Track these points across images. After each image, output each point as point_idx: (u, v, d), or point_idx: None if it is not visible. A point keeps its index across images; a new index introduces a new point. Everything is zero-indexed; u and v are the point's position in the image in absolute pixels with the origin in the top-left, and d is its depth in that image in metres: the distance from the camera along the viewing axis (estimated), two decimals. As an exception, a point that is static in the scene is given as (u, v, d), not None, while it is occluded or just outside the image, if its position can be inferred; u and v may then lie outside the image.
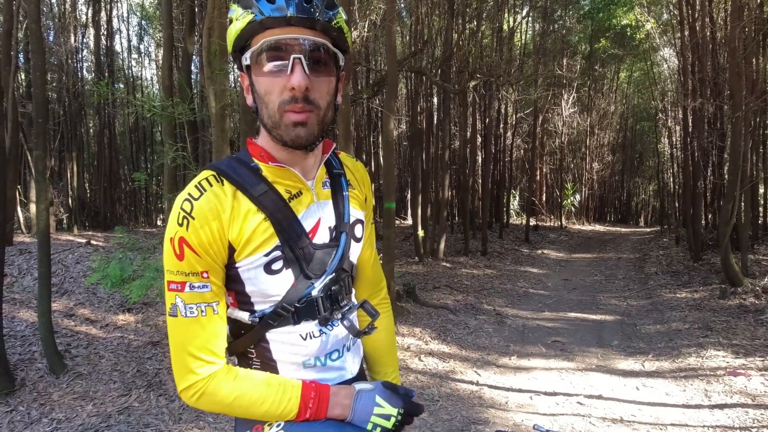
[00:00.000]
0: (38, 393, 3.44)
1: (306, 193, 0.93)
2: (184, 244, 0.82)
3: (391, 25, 5.58)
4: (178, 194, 0.89)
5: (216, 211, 0.84)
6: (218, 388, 0.85)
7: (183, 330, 0.85)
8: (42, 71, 3.58)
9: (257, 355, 0.94)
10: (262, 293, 0.89)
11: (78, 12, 13.35)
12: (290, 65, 0.80)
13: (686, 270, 8.10)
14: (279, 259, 0.88)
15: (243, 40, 0.84)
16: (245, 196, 0.86)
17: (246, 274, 0.87)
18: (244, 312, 0.91)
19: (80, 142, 13.26)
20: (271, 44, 0.81)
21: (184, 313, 0.84)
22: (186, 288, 0.84)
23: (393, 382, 1.01)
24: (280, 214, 0.88)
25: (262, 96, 0.84)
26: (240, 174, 0.87)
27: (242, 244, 0.85)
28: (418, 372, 4.09)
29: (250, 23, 0.81)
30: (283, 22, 0.80)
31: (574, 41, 17.28)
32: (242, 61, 0.86)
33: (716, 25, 8.97)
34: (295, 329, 0.92)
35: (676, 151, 14.07)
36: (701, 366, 4.08)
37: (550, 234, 14.32)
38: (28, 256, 5.93)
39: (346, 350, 1.00)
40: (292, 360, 0.93)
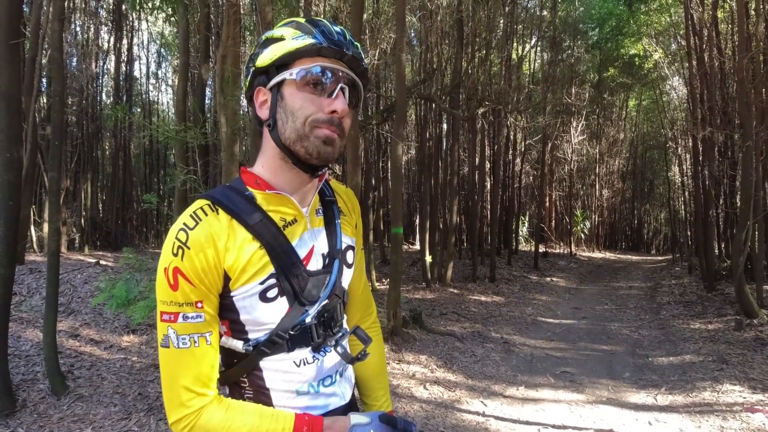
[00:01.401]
0: (38, 414, 3.42)
1: (300, 221, 0.94)
2: (178, 274, 0.82)
3: (401, 54, 5.70)
4: None
5: (212, 239, 0.84)
6: (209, 420, 0.84)
7: (175, 361, 0.84)
8: (61, 96, 3.70)
9: (250, 384, 0.93)
10: (256, 321, 0.89)
11: (100, 40, 13.86)
12: (336, 91, 0.87)
13: (699, 300, 7.92)
14: (274, 287, 0.88)
15: (290, 58, 0.87)
16: (240, 224, 0.87)
17: (241, 302, 0.87)
18: (238, 341, 0.91)
19: (96, 164, 13.56)
20: (327, 68, 0.87)
21: (176, 344, 0.84)
22: (179, 319, 0.83)
23: (390, 414, 0.99)
24: (275, 243, 0.88)
25: (293, 110, 0.86)
26: (235, 203, 0.88)
27: (238, 273, 0.85)
28: (423, 401, 4.00)
29: (311, 45, 0.86)
30: (338, 56, 0.88)
31: (583, 70, 17.48)
32: (277, 75, 0.88)
33: (724, 56, 9.03)
34: (289, 356, 0.92)
35: (686, 179, 13.97)
36: (717, 401, 3.94)
37: (560, 261, 14.15)
38: (38, 275, 5.99)
39: (338, 376, 0.99)
40: (286, 388, 0.93)
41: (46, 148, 9.06)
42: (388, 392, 1.20)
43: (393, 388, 4.21)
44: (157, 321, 0.85)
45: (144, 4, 4.10)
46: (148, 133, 4.84)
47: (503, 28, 11.54)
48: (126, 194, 14.31)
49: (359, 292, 1.15)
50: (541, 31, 14.71)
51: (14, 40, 3.17)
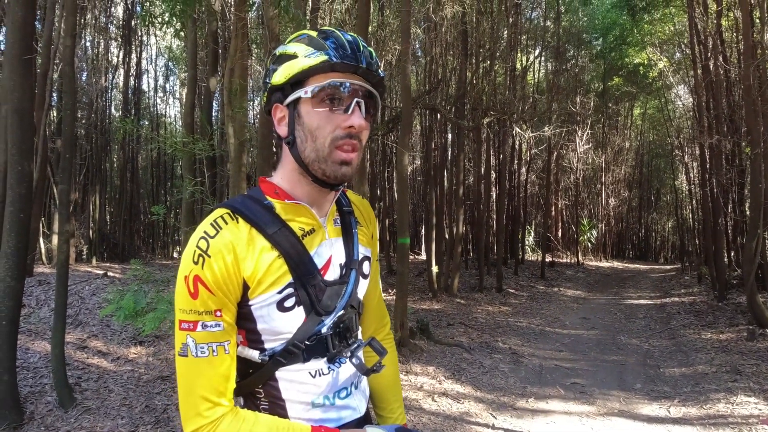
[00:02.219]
0: (46, 427, 3.41)
1: (318, 231, 0.94)
2: (199, 282, 0.82)
3: (406, 65, 5.75)
4: (195, 227, 0.90)
5: (232, 248, 0.84)
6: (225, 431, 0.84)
7: (193, 370, 0.84)
8: (72, 110, 3.75)
9: (266, 395, 0.93)
10: (273, 331, 0.89)
11: (110, 54, 14.10)
12: (352, 106, 0.86)
13: (710, 310, 7.81)
14: (292, 296, 0.88)
15: (304, 76, 0.87)
16: (260, 233, 0.87)
17: (259, 311, 0.87)
18: (254, 351, 0.90)
19: (104, 176, 13.71)
20: (341, 84, 0.86)
21: (195, 353, 0.83)
22: (198, 327, 0.83)
23: (406, 427, 0.98)
24: (293, 252, 0.88)
25: (312, 129, 0.86)
26: (254, 212, 0.89)
27: (256, 282, 0.86)
28: (431, 413, 3.96)
29: (324, 62, 0.85)
30: (352, 70, 0.87)
31: (587, 79, 17.52)
32: (293, 93, 0.88)
33: (730, 64, 9.02)
34: (305, 367, 0.92)
35: (694, 187, 13.88)
36: (731, 413, 3.86)
37: (567, 270, 14.04)
38: (47, 287, 6.02)
39: (354, 388, 0.99)
40: (301, 399, 0.92)
41: (56, 160, 9.18)
42: (402, 404, 1.19)
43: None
44: (176, 330, 0.85)
45: (154, 20, 4.17)
46: (156, 146, 4.89)
47: (507, 39, 11.62)
48: (133, 206, 14.42)
49: (374, 303, 1.14)
50: (545, 41, 14.79)
51: (27, 56, 3.23)
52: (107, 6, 13.29)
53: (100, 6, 12.65)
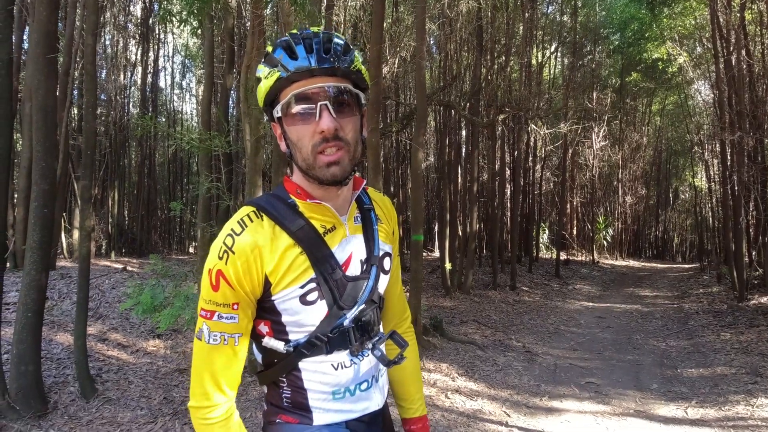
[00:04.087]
0: (69, 417, 3.51)
1: (339, 228, 0.97)
2: (221, 277, 0.88)
3: (421, 61, 5.73)
4: (211, 223, 0.97)
5: (256, 246, 0.89)
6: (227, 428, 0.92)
7: (204, 355, 0.91)
8: (93, 107, 3.83)
9: (288, 384, 0.98)
10: (297, 323, 0.94)
11: (128, 52, 14.33)
12: (318, 111, 0.87)
13: (730, 310, 7.66)
14: (314, 291, 0.92)
15: (272, 96, 0.91)
16: (283, 230, 0.92)
17: (282, 305, 0.92)
18: (279, 341, 0.95)
19: (122, 173, 13.96)
20: (298, 95, 0.87)
21: (207, 339, 0.90)
22: (214, 317, 0.90)
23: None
24: (315, 248, 0.92)
25: (295, 142, 0.90)
26: (278, 210, 0.93)
27: (279, 277, 0.90)
28: (445, 410, 3.96)
29: (278, 80, 0.87)
30: (307, 74, 0.86)
31: (605, 75, 17.22)
32: (273, 113, 0.93)
33: (753, 58, 8.79)
34: (327, 359, 0.96)
35: (714, 184, 13.59)
36: (751, 415, 3.79)
37: (582, 269, 13.88)
38: (69, 281, 6.17)
39: (374, 381, 1.03)
40: (323, 389, 0.97)
41: (77, 157, 9.37)
42: (423, 396, 1.23)
43: (414, 396, 4.18)
44: (198, 313, 0.93)
45: (172, 18, 4.23)
46: (174, 142, 4.97)
47: (523, 34, 11.48)
48: (151, 202, 14.66)
49: (396, 297, 1.18)
50: (561, 36, 14.58)
51: (51, 55, 3.31)
52: (126, 4, 13.49)
53: (119, 4, 12.84)
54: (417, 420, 1.19)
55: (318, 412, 0.97)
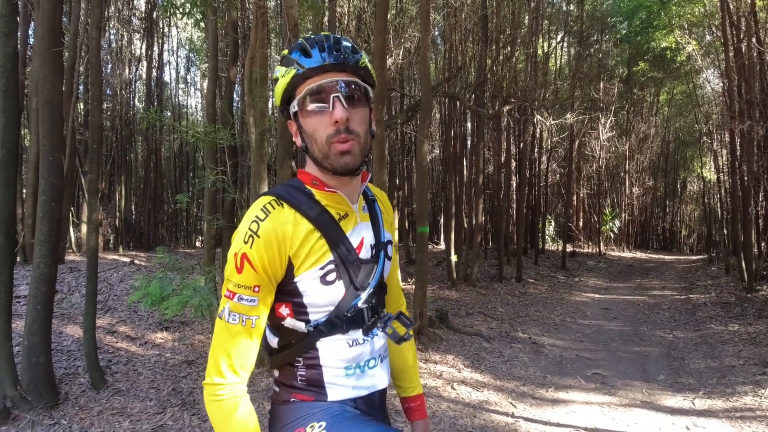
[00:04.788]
0: (80, 407, 3.56)
1: (351, 215, 1.06)
2: (245, 260, 0.94)
3: (426, 53, 5.68)
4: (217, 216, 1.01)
5: (280, 231, 0.96)
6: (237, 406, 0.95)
7: (222, 333, 0.97)
8: (99, 101, 3.85)
9: (304, 364, 1.04)
10: (317, 304, 1.00)
11: (133, 47, 14.33)
12: (331, 103, 0.95)
13: (738, 301, 7.60)
14: (332, 272, 0.99)
15: (289, 93, 0.99)
16: (303, 217, 0.99)
17: (303, 286, 0.99)
18: (300, 322, 1.02)
19: (129, 167, 14.01)
20: (313, 89, 0.95)
21: (227, 318, 0.96)
22: (235, 298, 0.95)
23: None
24: (333, 233, 1.00)
25: (310, 134, 0.98)
26: (297, 198, 1.00)
27: (301, 260, 0.97)
28: (451, 401, 3.98)
29: (294, 76, 0.96)
30: (321, 70, 0.95)
31: (612, 65, 17.02)
32: (290, 109, 1.00)
33: (764, 46, 8.64)
34: (344, 337, 1.03)
35: (723, 175, 13.44)
36: (759, 406, 3.78)
37: (588, 261, 13.82)
38: (77, 274, 6.23)
39: (380, 361, 1.10)
40: (338, 365, 1.03)
41: (84, 151, 9.42)
42: (419, 376, 1.33)
43: (420, 387, 4.20)
44: (222, 294, 0.99)
45: (176, 10, 4.22)
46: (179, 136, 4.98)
47: (528, 24, 11.35)
48: (157, 196, 14.74)
49: (395, 285, 1.26)
50: (567, 26, 14.40)
51: (56, 48, 3.32)
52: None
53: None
54: (415, 398, 1.29)
55: (332, 387, 1.03)
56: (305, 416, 1.01)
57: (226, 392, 0.95)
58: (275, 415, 1.07)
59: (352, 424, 0.98)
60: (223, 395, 0.95)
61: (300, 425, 1.00)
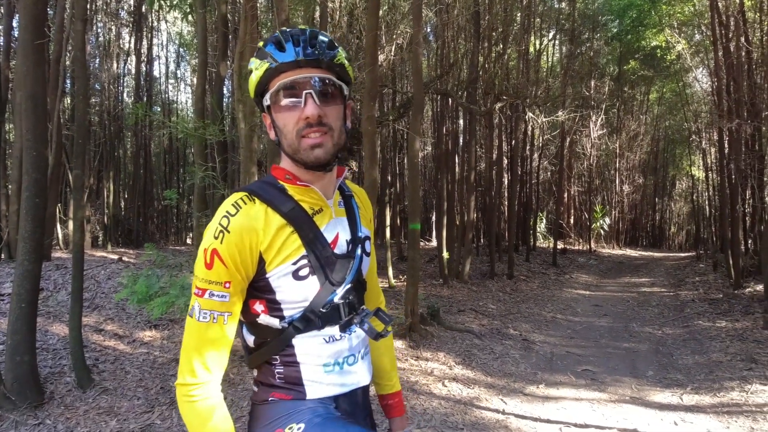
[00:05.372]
0: (65, 407, 3.50)
1: (326, 210, 1.04)
2: (215, 255, 0.93)
3: (418, 48, 5.66)
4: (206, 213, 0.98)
5: (250, 226, 0.94)
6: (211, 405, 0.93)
7: (194, 331, 0.95)
8: (85, 95, 3.77)
9: (281, 361, 1.02)
10: (291, 300, 0.99)
11: (121, 41, 14.12)
12: (303, 99, 0.94)
13: (726, 298, 7.70)
14: (306, 267, 0.98)
15: (262, 86, 0.98)
16: (275, 211, 0.97)
17: (276, 282, 0.97)
18: (274, 318, 1.00)
19: (118, 163, 13.85)
20: (286, 84, 0.95)
21: (197, 316, 0.94)
22: (206, 295, 0.94)
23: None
24: (306, 227, 0.99)
25: (281, 128, 0.98)
26: (270, 193, 0.99)
27: (273, 255, 0.95)
28: (442, 398, 3.98)
29: (267, 70, 0.95)
30: (294, 65, 0.94)
31: (603, 63, 17.10)
32: (263, 102, 1.00)
33: (752, 45, 8.73)
34: (320, 333, 1.01)
35: (711, 173, 13.59)
36: (746, 401, 3.82)
37: (579, 258, 13.92)
38: (64, 271, 6.14)
39: (360, 357, 1.08)
40: (315, 362, 1.01)
41: (71, 147, 9.27)
42: (397, 373, 1.33)
43: (411, 384, 4.20)
44: (192, 291, 0.97)
45: (162, 2, 4.14)
46: (168, 131, 4.91)
47: (520, 22, 11.36)
48: (147, 192, 14.57)
49: (373, 281, 1.25)
50: (559, 23, 14.44)
51: (39, 41, 3.24)
52: (118, -9, 13.27)
53: (110, -9, 12.63)
54: (393, 395, 1.28)
55: (311, 385, 1.01)
56: (284, 416, 0.99)
57: (199, 392, 0.93)
58: (255, 415, 1.05)
59: (331, 427, 0.96)
60: (196, 395, 0.93)
61: (279, 426, 0.98)
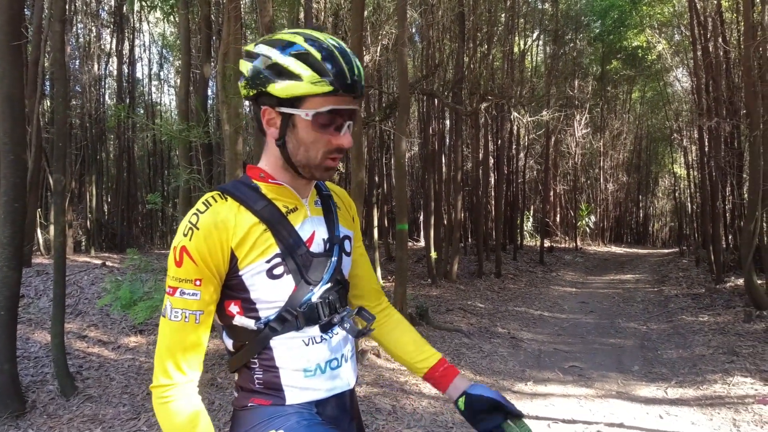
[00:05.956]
0: (48, 415, 3.43)
1: (301, 209, 1.02)
2: (184, 253, 0.91)
3: (403, 49, 5.67)
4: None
5: (220, 223, 0.92)
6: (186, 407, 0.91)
7: (166, 331, 0.93)
8: (65, 98, 3.70)
9: (260, 365, 0.99)
10: (266, 299, 0.96)
11: (102, 42, 13.89)
12: (344, 129, 0.95)
13: (708, 292, 7.85)
14: (280, 265, 0.95)
15: (304, 97, 0.91)
16: (247, 209, 0.95)
17: (249, 280, 0.95)
18: (250, 319, 0.97)
19: (100, 166, 13.61)
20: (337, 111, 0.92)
21: (170, 316, 0.92)
22: (177, 293, 0.92)
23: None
24: (279, 225, 0.97)
25: (306, 142, 0.94)
26: (242, 191, 0.98)
27: (245, 253, 0.93)
28: (432, 397, 3.99)
29: (328, 92, 0.90)
30: (350, 98, 0.94)
31: (586, 63, 17.34)
32: (290, 108, 0.92)
33: (729, 45, 8.93)
34: (299, 335, 0.98)
35: (692, 170, 13.86)
36: (728, 393, 3.90)
37: (566, 256, 14.08)
38: (45, 277, 6.01)
39: (344, 360, 1.05)
40: (295, 366, 0.98)
41: (51, 150, 9.09)
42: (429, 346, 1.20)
43: (401, 384, 4.20)
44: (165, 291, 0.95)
45: (143, 2, 4.09)
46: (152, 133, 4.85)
47: (505, 22, 11.46)
48: (131, 196, 14.34)
49: (366, 281, 1.22)
50: (543, 24, 14.61)
51: (16, 42, 3.17)
52: (98, -8, 13.06)
53: (91, -8, 12.42)
54: (437, 366, 1.16)
55: (290, 390, 0.98)
56: (264, 422, 0.96)
57: (174, 393, 0.91)
58: (235, 421, 1.02)
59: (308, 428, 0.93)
60: (170, 396, 0.91)
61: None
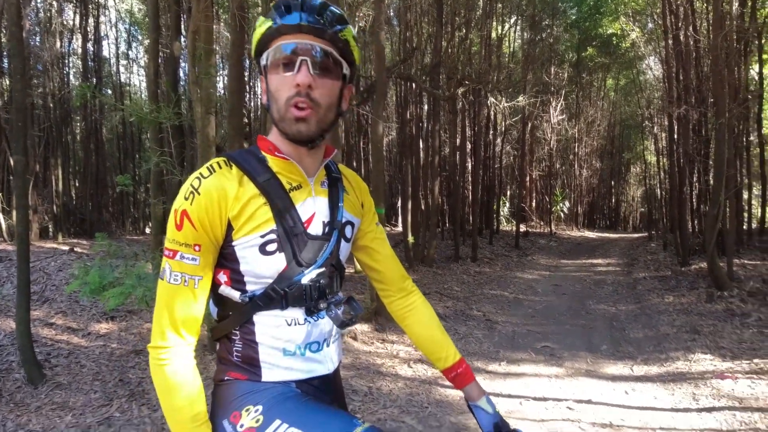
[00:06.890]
0: (15, 404, 3.33)
1: (305, 187, 1.01)
2: (185, 217, 0.91)
3: (380, 32, 5.59)
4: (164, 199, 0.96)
5: (221, 190, 0.92)
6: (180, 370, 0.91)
7: (165, 294, 0.93)
8: (22, 74, 3.51)
9: (240, 338, 0.99)
10: (255, 273, 0.96)
11: (65, 17, 13.21)
12: (297, 65, 0.91)
13: (674, 275, 8.16)
14: (273, 242, 0.95)
15: (262, 45, 0.96)
16: (250, 180, 0.95)
17: (241, 252, 0.94)
18: (236, 291, 0.97)
19: (66, 149, 13.08)
20: (284, 46, 0.92)
21: (168, 278, 0.92)
22: (176, 257, 0.92)
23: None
24: (279, 201, 0.96)
25: (273, 92, 0.94)
26: (248, 161, 0.97)
27: (241, 223, 0.93)
28: (408, 379, 4.05)
29: (268, 29, 0.94)
30: (296, 29, 0.92)
31: (562, 49, 17.51)
32: (260, 62, 0.97)
33: (699, 34, 9.14)
34: (282, 314, 0.98)
35: (662, 157, 14.27)
36: (689, 370, 4.09)
37: (540, 240, 14.38)
38: (9, 264, 5.80)
39: (326, 345, 1.04)
40: (274, 345, 0.98)
41: (11, 131, 8.68)
42: (452, 344, 1.24)
43: (377, 367, 4.25)
44: (163, 254, 0.96)
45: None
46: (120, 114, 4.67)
47: (483, 7, 11.42)
48: (99, 179, 13.88)
49: (391, 262, 1.21)
50: (520, 9, 14.62)
51: (-32, 14, 2.98)
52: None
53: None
54: (456, 365, 1.20)
55: (267, 367, 0.98)
56: (240, 397, 0.96)
57: (170, 355, 0.91)
58: (214, 395, 1.02)
59: (292, 406, 0.93)
60: (166, 359, 0.91)
61: (236, 408, 0.95)
